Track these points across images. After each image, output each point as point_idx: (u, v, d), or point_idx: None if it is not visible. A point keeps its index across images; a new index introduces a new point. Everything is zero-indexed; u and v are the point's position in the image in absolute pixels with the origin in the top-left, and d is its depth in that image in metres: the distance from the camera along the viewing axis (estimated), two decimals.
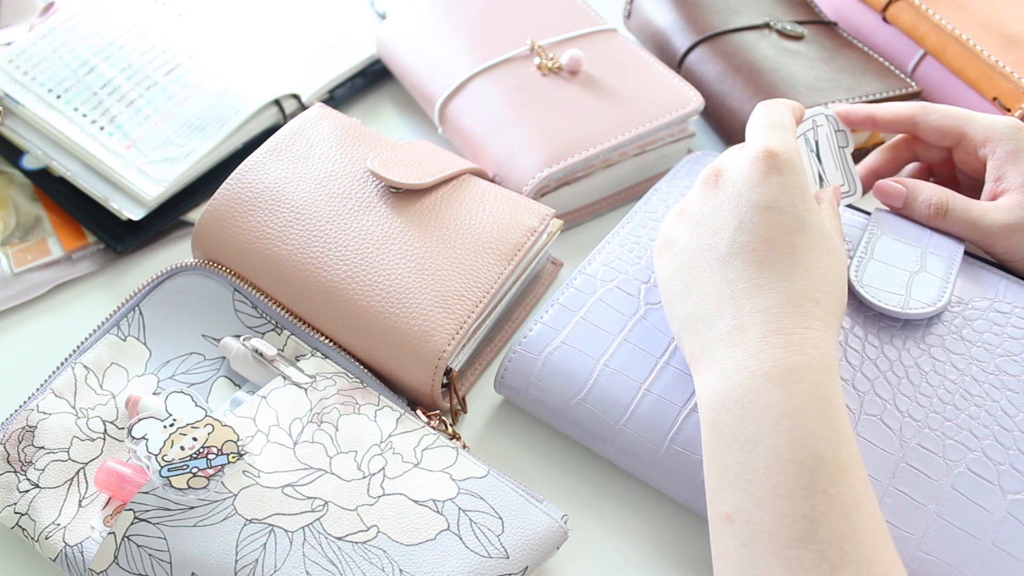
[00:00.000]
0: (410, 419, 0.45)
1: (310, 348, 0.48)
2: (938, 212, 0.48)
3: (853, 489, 0.35)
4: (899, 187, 0.49)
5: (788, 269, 0.40)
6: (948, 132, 0.50)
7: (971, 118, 0.50)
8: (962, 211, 0.48)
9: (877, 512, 0.35)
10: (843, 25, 0.73)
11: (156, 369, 0.48)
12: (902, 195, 0.49)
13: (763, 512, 0.35)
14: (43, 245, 0.58)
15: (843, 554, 0.33)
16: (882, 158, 0.54)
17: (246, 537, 0.40)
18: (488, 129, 0.60)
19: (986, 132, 0.49)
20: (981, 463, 0.42)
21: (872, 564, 0.33)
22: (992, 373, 0.45)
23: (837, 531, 0.34)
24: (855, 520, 0.34)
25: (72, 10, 0.64)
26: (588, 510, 0.47)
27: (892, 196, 0.50)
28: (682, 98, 0.62)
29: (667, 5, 0.71)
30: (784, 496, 0.35)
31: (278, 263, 0.49)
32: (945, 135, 0.50)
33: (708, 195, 0.44)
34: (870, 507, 0.35)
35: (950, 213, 0.48)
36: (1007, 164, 0.48)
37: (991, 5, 0.66)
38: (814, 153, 0.51)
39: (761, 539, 0.35)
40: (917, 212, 0.49)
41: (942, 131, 0.50)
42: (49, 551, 0.41)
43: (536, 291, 0.56)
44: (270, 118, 0.63)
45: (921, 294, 0.46)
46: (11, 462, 0.43)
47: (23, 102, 0.60)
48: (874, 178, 0.54)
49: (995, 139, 0.48)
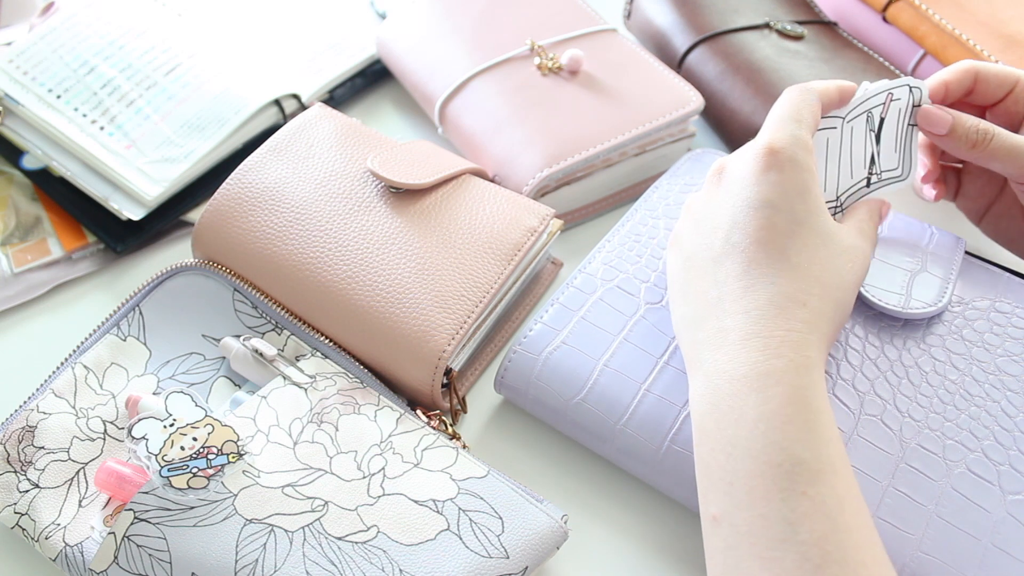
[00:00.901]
0: (410, 419, 0.45)
1: (310, 348, 0.48)
2: (984, 137, 0.47)
3: (835, 490, 0.35)
4: (945, 114, 0.48)
5: (776, 271, 0.40)
6: (1006, 80, 0.50)
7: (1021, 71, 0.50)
8: (1008, 137, 0.47)
9: (863, 512, 0.35)
10: (843, 25, 0.73)
11: (156, 369, 0.48)
12: (947, 122, 0.48)
13: (744, 515, 0.35)
14: (43, 245, 0.58)
15: (826, 554, 0.33)
16: None
17: (246, 537, 0.40)
18: (488, 129, 0.60)
19: None
20: (981, 463, 0.42)
21: (857, 564, 0.33)
22: (992, 373, 0.45)
23: (819, 532, 0.34)
24: (838, 520, 0.34)
25: (72, 10, 0.64)
26: (588, 510, 0.47)
27: (937, 123, 0.48)
28: (682, 98, 0.62)
29: (667, 5, 0.71)
30: (763, 498, 0.35)
31: (278, 263, 0.49)
32: (1004, 83, 0.50)
33: (711, 192, 0.44)
34: (855, 507, 0.35)
35: (995, 139, 0.47)
36: None
37: (991, 5, 0.66)
38: (874, 132, 0.48)
39: (744, 541, 0.35)
40: (963, 138, 0.47)
41: (1000, 79, 0.50)
42: (49, 551, 0.41)
43: (536, 291, 0.56)
44: (270, 118, 0.63)
45: (921, 294, 0.46)
46: (11, 462, 0.43)
47: (23, 102, 0.60)
48: None
49: None
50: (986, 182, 0.52)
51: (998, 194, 0.52)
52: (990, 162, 0.47)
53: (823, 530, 0.34)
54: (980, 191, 0.52)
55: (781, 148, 0.42)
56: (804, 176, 0.41)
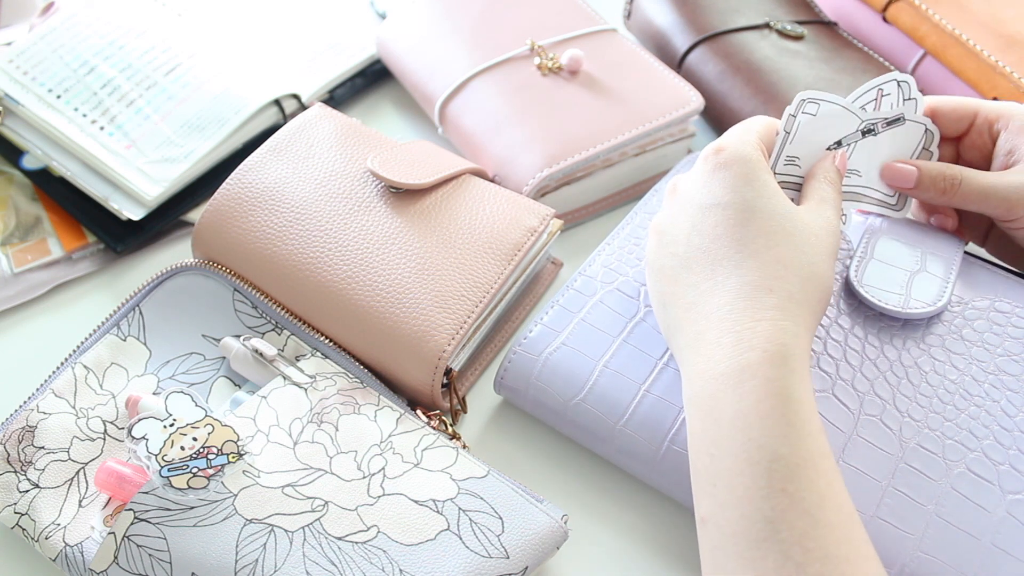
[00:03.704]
0: (410, 419, 0.45)
1: (310, 348, 0.48)
2: (952, 183, 0.47)
3: (815, 484, 0.34)
4: (909, 167, 0.48)
5: (738, 263, 0.40)
6: (964, 113, 0.50)
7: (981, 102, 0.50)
8: (977, 179, 0.47)
9: (845, 505, 0.35)
10: (843, 25, 0.73)
11: (156, 369, 0.48)
12: (913, 175, 0.48)
13: (728, 515, 0.35)
14: (43, 245, 0.58)
15: (807, 552, 0.33)
16: None
17: (246, 537, 0.40)
18: (488, 129, 0.60)
19: (999, 109, 0.49)
20: (981, 463, 0.42)
21: (839, 560, 0.33)
22: (992, 373, 0.45)
23: (799, 529, 0.33)
24: (818, 516, 0.34)
25: (72, 10, 0.64)
26: (588, 510, 0.47)
27: (902, 177, 0.48)
28: (682, 98, 0.62)
29: (667, 5, 0.71)
30: (744, 498, 0.35)
31: (278, 263, 0.49)
32: (962, 116, 0.50)
33: (669, 207, 0.45)
34: (836, 501, 0.35)
35: (964, 183, 0.47)
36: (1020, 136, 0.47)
37: (991, 5, 0.66)
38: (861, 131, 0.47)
39: (728, 542, 0.35)
40: (930, 188, 0.48)
41: (958, 112, 0.50)
42: (49, 551, 0.41)
43: (536, 291, 0.56)
44: (270, 118, 0.63)
45: (921, 294, 0.46)
46: (11, 462, 0.43)
47: (23, 102, 0.60)
48: None
49: (1008, 115, 0.48)
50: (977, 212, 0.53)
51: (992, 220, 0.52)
52: (964, 205, 0.47)
53: (803, 527, 0.33)
54: (977, 219, 0.52)
55: (725, 145, 0.42)
56: (750, 166, 0.42)
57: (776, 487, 0.34)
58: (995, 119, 0.49)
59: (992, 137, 0.49)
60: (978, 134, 0.50)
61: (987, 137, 0.50)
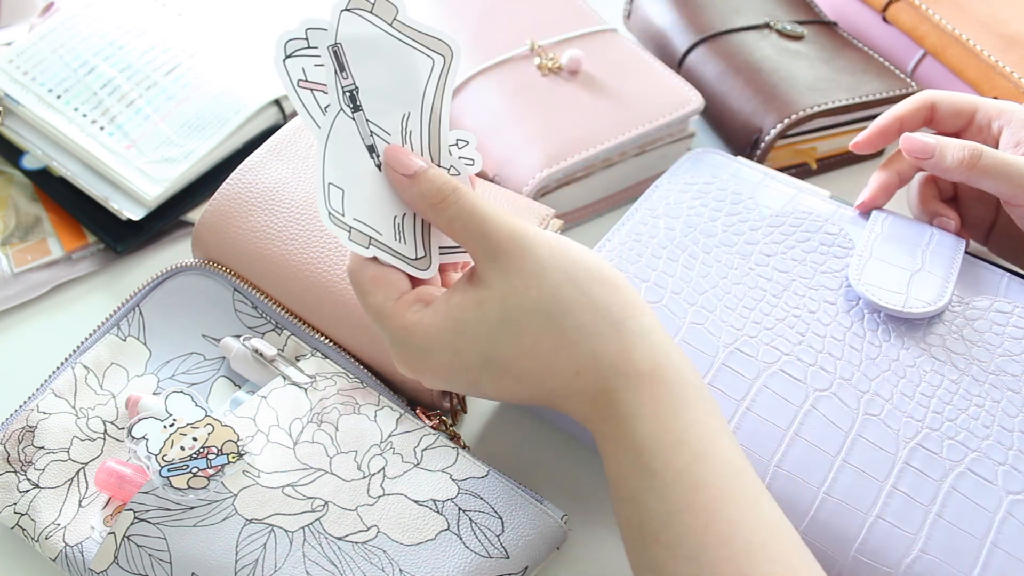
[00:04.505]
0: (410, 419, 0.45)
1: (310, 348, 0.48)
2: (973, 156, 0.46)
3: (691, 529, 0.33)
4: (929, 140, 0.47)
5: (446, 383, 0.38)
6: (963, 108, 0.50)
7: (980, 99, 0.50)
8: (996, 154, 0.46)
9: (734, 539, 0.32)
10: (843, 25, 0.73)
11: (156, 369, 0.48)
12: (932, 148, 0.47)
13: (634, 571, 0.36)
14: (43, 245, 0.58)
15: None
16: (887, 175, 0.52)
17: (246, 537, 0.40)
18: (488, 129, 0.60)
19: (999, 107, 0.49)
20: (981, 463, 0.42)
21: None
22: (993, 373, 0.45)
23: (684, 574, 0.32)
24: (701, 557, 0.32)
25: (72, 10, 0.64)
26: (588, 510, 0.47)
27: (921, 150, 0.47)
28: (682, 98, 0.62)
29: (667, 5, 0.71)
30: (631, 552, 0.35)
31: (278, 263, 0.49)
32: (960, 112, 0.50)
33: None
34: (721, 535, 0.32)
35: (984, 158, 0.46)
36: None
37: (991, 5, 0.67)
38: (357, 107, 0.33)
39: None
40: (951, 160, 0.47)
41: (956, 107, 0.50)
42: (49, 551, 0.41)
43: None
44: (270, 118, 0.63)
45: (922, 293, 0.46)
46: (11, 462, 0.43)
47: (23, 102, 0.60)
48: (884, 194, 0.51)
49: (1009, 112, 0.48)
50: (982, 207, 0.52)
51: (995, 216, 0.52)
52: (982, 180, 0.47)
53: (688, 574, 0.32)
54: (980, 216, 0.52)
55: None
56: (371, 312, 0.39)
57: (650, 540, 0.33)
58: (995, 116, 0.49)
59: (992, 134, 0.49)
60: (978, 130, 0.50)
61: (987, 134, 0.50)
